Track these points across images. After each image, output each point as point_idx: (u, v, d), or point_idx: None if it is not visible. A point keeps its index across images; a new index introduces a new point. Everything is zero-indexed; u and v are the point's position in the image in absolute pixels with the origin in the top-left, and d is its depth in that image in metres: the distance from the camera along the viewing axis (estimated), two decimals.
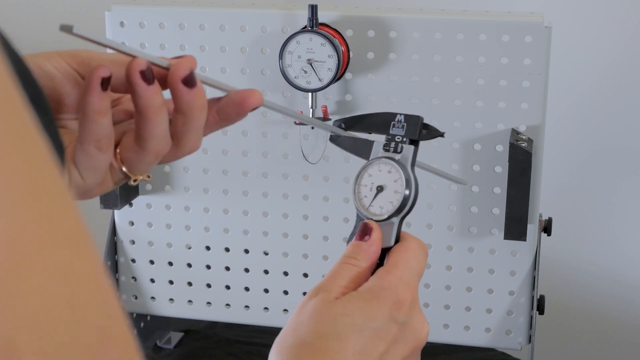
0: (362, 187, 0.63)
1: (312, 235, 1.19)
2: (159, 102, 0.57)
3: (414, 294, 0.58)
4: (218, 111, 0.60)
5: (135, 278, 1.26)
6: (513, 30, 1.06)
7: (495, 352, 1.33)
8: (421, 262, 0.60)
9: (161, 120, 0.57)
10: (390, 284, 0.57)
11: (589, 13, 1.61)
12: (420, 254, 0.60)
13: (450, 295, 1.17)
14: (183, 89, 0.57)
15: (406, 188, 0.61)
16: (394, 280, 0.58)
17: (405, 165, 0.62)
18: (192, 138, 0.59)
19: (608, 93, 1.61)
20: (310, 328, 0.56)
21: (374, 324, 0.56)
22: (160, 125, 0.57)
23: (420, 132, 0.63)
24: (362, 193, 0.63)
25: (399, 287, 0.57)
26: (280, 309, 1.23)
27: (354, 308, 0.56)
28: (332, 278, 0.59)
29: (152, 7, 1.16)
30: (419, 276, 0.60)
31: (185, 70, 0.56)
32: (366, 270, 0.59)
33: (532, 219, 1.09)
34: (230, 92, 0.60)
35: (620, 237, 1.65)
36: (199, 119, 0.58)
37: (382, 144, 0.63)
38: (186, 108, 0.57)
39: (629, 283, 1.65)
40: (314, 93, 1.09)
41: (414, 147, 0.63)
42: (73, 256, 0.32)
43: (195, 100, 0.57)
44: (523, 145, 1.05)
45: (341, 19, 1.10)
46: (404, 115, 0.63)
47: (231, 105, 0.60)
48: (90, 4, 1.61)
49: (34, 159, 0.31)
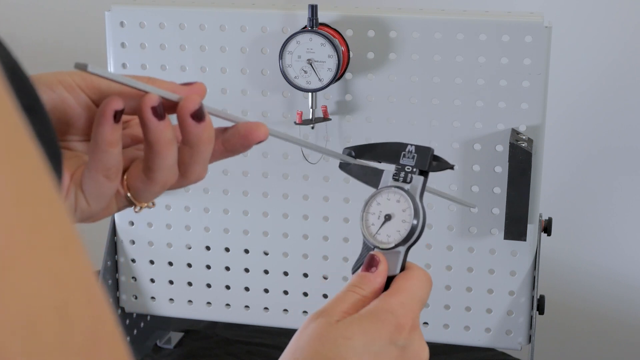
0: (370, 215, 0.63)
1: (312, 235, 1.19)
2: (169, 137, 0.57)
3: (415, 319, 0.59)
4: (223, 142, 0.61)
5: (135, 278, 1.26)
6: (513, 30, 1.06)
7: (495, 352, 1.33)
8: (424, 290, 0.61)
9: (171, 154, 0.58)
10: (391, 308, 0.58)
11: (589, 13, 1.61)
12: (424, 282, 0.61)
13: (450, 295, 1.17)
14: (192, 123, 0.57)
15: (414, 218, 0.61)
16: (395, 304, 0.58)
17: (414, 195, 0.62)
18: (198, 169, 0.60)
19: (608, 93, 1.61)
20: (310, 350, 0.56)
21: (374, 347, 0.56)
22: (170, 158, 0.58)
23: (430, 163, 0.63)
24: (370, 221, 0.63)
25: (400, 311, 0.58)
26: (280, 309, 1.23)
27: (355, 331, 0.56)
28: (335, 303, 0.59)
29: (152, 7, 1.16)
30: (421, 303, 0.60)
31: (194, 105, 0.57)
32: (370, 298, 0.60)
33: (532, 219, 1.09)
34: (237, 125, 0.61)
35: (620, 237, 1.66)
36: (206, 151, 0.59)
37: (392, 174, 0.64)
38: (194, 141, 0.58)
39: (629, 283, 1.65)
40: (314, 93, 1.10)
41: (423, 178, 0.63)
42: (62, 260, 0.32)
43: (203, 134, 0.58)
44: (523, 145, 1.05)
45: (341, 19, 1.10)
46: (415, 146, 0.63)
47: (237, 138, 0.61)
48: (90, 4, 1.61)
49: (23, 163, 0.31)
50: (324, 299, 1.21)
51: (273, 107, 1.15)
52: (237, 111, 1.16)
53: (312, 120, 1.11)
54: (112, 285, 1.25)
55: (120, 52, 1.17)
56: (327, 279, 1.20)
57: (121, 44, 1.17)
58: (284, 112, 1.14)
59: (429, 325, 1.18)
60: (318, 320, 0.58)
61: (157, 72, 1.16)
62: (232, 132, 0.61)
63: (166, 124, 0.57)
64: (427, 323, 1.18)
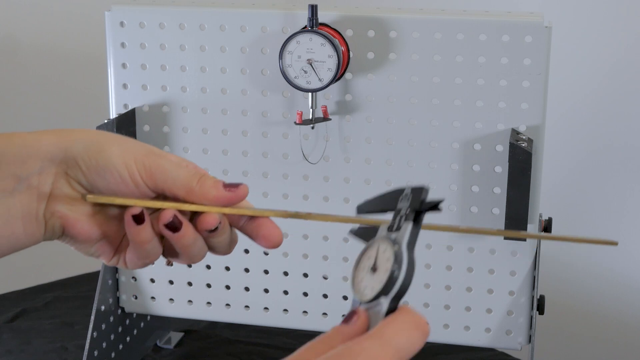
0: (360, 271, 0.57)
1: (312, 235, 1.19)
2: (187, 243, 0.64)
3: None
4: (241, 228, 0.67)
5: (135, 278, 1.26)
6: (513, 30, 1.06)
7: (495, 352, 1.33)
8: (406, 336, 0.54)
9: (147, 248, 0.65)
10: (351, 351, 0.52)
11: (589, 13, 1.61)
12: (410, 328, 0.55)
13: (450, 295, 1.17)
14: (167, 232, 0.64)
15: (394, 265, 0.54)
16: (356, 348, 0.52)
17: (399, 242, 0.55)
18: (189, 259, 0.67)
19: (608, 93, 1.61)
20: None
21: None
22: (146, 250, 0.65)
23: (422, 202, 0.57)
24: (359, 277, 0.57)
25: (362, 356, 0.51)
26: (280, 309, 1.23)
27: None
28: (303, 350, 0.55)
29: (152, 7, 1.16)
30: (395, 350, 0.53)
31: (167, 218, 0.63)
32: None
33: (532, 219, 1.09)
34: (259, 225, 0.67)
35: (621, 237, 1.65)
36: (189, 251, 0.65)
37: (387, 226, 0.58)
38: (175, 244, 0.65)
39: (629, 283, 1.65)
40: (314, 93, 1.10)
41: (412, 224, 0.56)
42: None
43: (179, 241, 0.64)
44: (523, 145, 1.05)
45: (341, 19, 1.10)
46: (411, 188, 0.58)
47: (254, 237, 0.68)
48: (90, 4, 1.61)
49: None
50: (324, 299, 1.21)
51: (273, 107, 1.15)
52: (237, 111, 1.16)
53: (312, 120, 1.11)
54: (112, 285, 1.25)
55: (120, 52, 1.17)
56: (327, 279, 1.20)
57: (121, 44, 1.17)
58: (284, 112, 1.14)
59: (429, 325, 1.18)
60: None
61: (157, 72, 1.16)
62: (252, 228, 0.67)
63: (183, 233, 0.64)
64: (427, 323, 1.18)
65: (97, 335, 1.20)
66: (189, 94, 1.17)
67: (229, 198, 0.64)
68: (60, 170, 0.64)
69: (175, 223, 0.63)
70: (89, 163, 0.63)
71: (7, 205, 0.62)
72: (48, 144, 0.63)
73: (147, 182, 0.64)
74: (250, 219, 0.66)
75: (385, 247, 0.56)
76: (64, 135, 0.64)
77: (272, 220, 0.67)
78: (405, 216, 0.56)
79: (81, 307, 1.47)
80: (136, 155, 0.64)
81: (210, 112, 1.17)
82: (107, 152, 0.63)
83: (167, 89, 1.17)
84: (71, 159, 0.63)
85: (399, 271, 0.54)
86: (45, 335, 1.39)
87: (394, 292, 0.54)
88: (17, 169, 0.62)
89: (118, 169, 0.63)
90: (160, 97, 1.18)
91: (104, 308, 1.21)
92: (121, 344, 1.27)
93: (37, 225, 0.64)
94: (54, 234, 0.65)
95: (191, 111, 1.17)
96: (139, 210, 0.63)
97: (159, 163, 0.64)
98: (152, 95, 1.18)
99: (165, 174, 0.64)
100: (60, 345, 1.36)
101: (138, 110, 1.18)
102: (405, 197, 0.58)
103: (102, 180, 0.63)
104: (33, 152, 0.63)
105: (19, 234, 0.63)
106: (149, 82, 1.18)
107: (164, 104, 1.18)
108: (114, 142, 0.64)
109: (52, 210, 0.64)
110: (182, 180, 0.63)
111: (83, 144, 0.63)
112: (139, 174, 0.63)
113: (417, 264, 0.55)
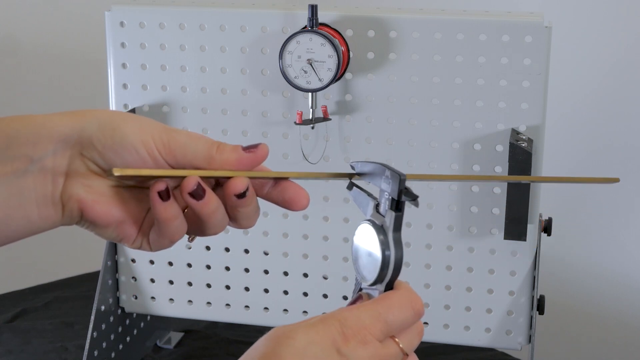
0: (356, 248, 0.64)
1: (312, 235, 1.19)
2: (211, 210, 0.63)
3: (367, 335, 0.57)
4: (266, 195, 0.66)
5: (135, 278, 1.26)
6: (513, 30, 1.06)
7: (495, 352, 1.33)
8: (397, 311, 0.59)
9: (173, 225, 0.64)
10: (341, 317, 0.57)
11: (589, 13, 1.61)
12: (402, 306, 0.59)
13: (450, 295, 1.17)
14: (191, 201, 0.63)
15: (383, 252, 0.60)
16: (348, 315, 0.58)
17: (387, 229, 0.60)
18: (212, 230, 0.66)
19: (608, 92, 1.61)
20: (257, 348, 0.59)
21: (314, 348, 0.56)
22: (172, 227, 0.64)
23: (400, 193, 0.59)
24: (357, 254, 0.64)
25: (350, 322, 0.57)
26: (280, 309, 1.23)
27: (299, 332, 0.57)
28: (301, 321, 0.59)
29: (152, 7, 1.16)
30: (384, 323, 0.58)
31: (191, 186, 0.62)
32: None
33: (532, 219, 1.09)
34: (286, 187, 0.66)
35: (621, 237, 1.66)
36: (212, 220, 0.64)
37: (375, 204, 0.62)
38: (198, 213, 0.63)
39: (629, 283, 1.65)
40: (314, 93, 1.10)
41: (394, 213, 0.60)
42: None
43: (202, 209, 0.63)
44: (523, 145, 1.05)
45: (341, 19, 1.10)
46: (390, 172, 0.60)
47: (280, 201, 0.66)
48: (90, 4, 1.61)
49: None
50: (324, 299, 1.21)
51: (273, 107, 1.15)
52: (237, 111, 1.16)
53: (312, 120, 1.11)
54: (112, 285, 1.25)
55: (120, 52, 1.17)
56: (327, 279, 1.20)
57: (121, 44, 1.17)
58: (284, 112, 1.15)
59: (429, 325, 1.18)
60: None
61: (157, 72, 1.16)
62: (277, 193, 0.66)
63: (206, 201, 0.63)
64: (427, 323, 1.18)
65: (97, 335, 1.20)
66: (189, 94, 1.17)
67: (250, 159, 0.64)
68: (75, 151, 0.62)
69: (199, 191, 0.62)
70: (104, 142, 0.62)
71: (19, 186, 0.61)
72: (61, 125, 0.62)
73: (167, 157, 0.63)
74: (274, 184, 0.65)
75: (372, 232, 0.61)
76: (78, 115, 0.62)
77: (295, 182, 0.66)
78: (389, 204, 0.60)
79: (81, 307, 1.47)
80: (153, 132, 0.62)
81: (210, 112, 1.17)
82: (123, 130, 0.62)
83: (167, 89, 1.17)
84: (86, 139, 0.62)
85: (388, 259, 0.60)
86: (45, 335, 1.39)
87: (389, 274, 0.60)
88: (29, 150, 0.61)
89: (135, 146, 0.62)
90: (160, 97, 1.18)
91: (104, 308, 1.21)
92: (121, 344, 1.27)
93: (54, 208, 0.63)
94: (72, 218, 0.64)
95: (191, 111, 1.17)
96: (164, 186, 0.62)
97: (176, 138, 0.63)
98: (152, 96, 1.18)
99: (185, 148, 0.63)
100: (60, 345, 1.36)
101: (138, 110, 1.18)
102: (386, 178, 0.60)
103: (120, 159, 0.62)
104: (45, 133, 0.61)
105: (34, 216, 0.62)
106: (149, 82, 1.18)
107: (164, 104, 1.18)
108: (128, 120, 0.63)
109: (70, 192, 0.63)
110: (202, 151, 0.63)
111: (97, 123, 0.62)
112: (157, 150, 0.62)
113: (417, 264, 0.57)
